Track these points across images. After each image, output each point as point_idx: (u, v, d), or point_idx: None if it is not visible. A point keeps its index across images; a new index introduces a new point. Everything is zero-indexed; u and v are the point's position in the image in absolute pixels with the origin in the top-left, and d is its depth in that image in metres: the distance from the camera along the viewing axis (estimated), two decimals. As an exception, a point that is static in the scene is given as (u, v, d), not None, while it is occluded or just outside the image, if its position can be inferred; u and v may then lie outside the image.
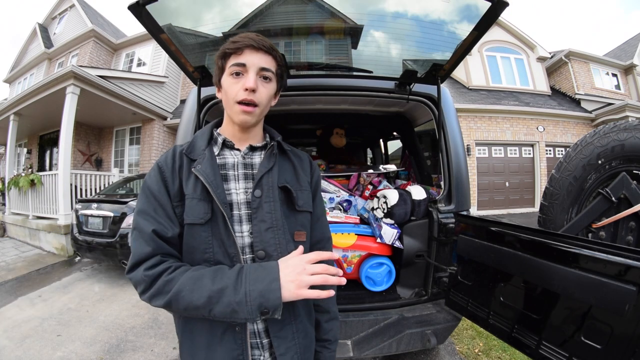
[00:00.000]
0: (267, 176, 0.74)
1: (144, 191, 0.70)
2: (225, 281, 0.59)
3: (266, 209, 0.70)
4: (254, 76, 0.69)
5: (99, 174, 6.29)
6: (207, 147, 0.75)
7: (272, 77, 0.73)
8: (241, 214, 0.71)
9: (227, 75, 0.71)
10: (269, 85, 0.73)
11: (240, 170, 0.75)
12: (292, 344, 0.70)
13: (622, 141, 1.38)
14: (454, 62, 1.46)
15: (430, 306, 1.64)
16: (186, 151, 0.74)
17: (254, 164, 0.77)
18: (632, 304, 0.76)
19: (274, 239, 0.70)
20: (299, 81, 1.69)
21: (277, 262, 0.63)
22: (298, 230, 0.76)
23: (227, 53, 0.70)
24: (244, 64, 0.69)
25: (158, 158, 0.75)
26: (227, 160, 0.75)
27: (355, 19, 1.37)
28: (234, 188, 0.73)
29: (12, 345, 2.30)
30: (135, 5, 1.03)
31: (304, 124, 3.00)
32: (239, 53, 0.69)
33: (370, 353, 1.42)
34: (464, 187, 1.66)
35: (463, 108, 8.21)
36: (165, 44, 1.24)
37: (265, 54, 0.71)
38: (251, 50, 0.69)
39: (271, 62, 0.73)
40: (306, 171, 0.83)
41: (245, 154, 0.77)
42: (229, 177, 0.74)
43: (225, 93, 0.73)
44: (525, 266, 1.06)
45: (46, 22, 11.29)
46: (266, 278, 0.59)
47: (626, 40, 12.50)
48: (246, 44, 0.69)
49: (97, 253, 3.85)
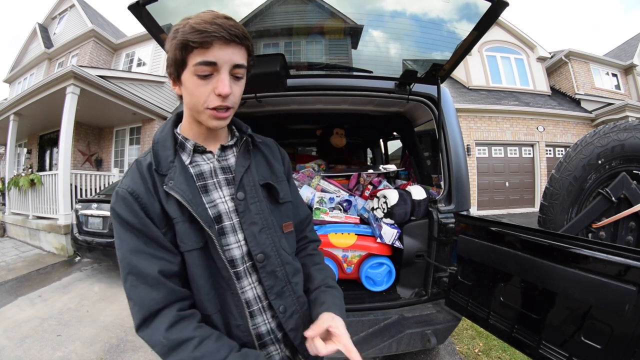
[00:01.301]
0: (247, 176, 0.68)
1: (123, 226, 0.58)
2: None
3: (254, 211, 0.67)
4: (228, 78, 0.58)
5: (99, 174, 6.29)
6: (175, 157, 0.64)
7: (244, 73, 0.62)
8: (234, 222, 0.66)
9: (192, 74, 0.58)
10: (241, 82, 0.62)
11: (220, 176, 0.68)
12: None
13: (622, 141, 1.38)
14: (454, 62, 1.46)
15: (430, 306, 1.64)
16: (154, 166, 0.62)
17: (230, 165, 0.70)
18: (632, 304, 0.76)
19: (268, 238, 0.68)
20: (299, 81, 1.69)
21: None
22: (285, 222, 0.74)
23: (190, 46, 0.55)
24: (215, 63, 0.56)
25: (121, 181, 0.63)
26: (203, 168, 0.67)
27: (355, 19, 1.37)
28: (218, 197, 0.66)
29: (12, 345, 2.30)
30: (135, 5, 1.03)
31: (304, 124, 2.99)
32: (207, 47, 0.55)
33: (370, 353, 1.42)
34: (464, 187, 1.66)
35: (463, 108, 8.21)
36: (165, 44, 1.24)
37: (237, 47, 0.58)
38: (221, 44, 0.55)
39: (244, 55, 0.60)
40: (278, 160, 0.79)
41: (219, 156, 0.69)
42: (209, 187, 0.66)
43: (189, 94, 0.60)
44: (525, 266, 1.06)
45: (46, 22, 11.29)
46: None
47: (626, 40, 12.50)
48: (215, 36, 0.54)
49: (97, 253, 3.85)
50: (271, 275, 0.68)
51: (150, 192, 0.60)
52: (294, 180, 0.89)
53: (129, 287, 0.56)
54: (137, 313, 0.56)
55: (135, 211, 0.58)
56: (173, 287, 0.57)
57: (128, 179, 0.62)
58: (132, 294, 0.56)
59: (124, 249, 0.58)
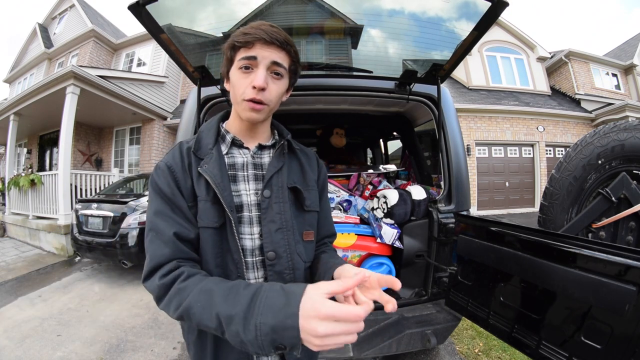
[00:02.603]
0: (277, 176, 0.72)
1: (157, 193, 0.66)
2: (236, 307, 0.51)
3: (276, 210, 0.69)
4: (264, 73, 0.64)
5: (99, 174, 6.29)
6: (214, 145, 0.71)
7: (284, 73, 0.67)
8: (252, 215, 0.69)
9: (236, 69, 0.66)
10: (280, 82, 0.68)
11: (250, 170, 0.72)
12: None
13: (622, 141, 1.38)
14: (454, 62, 1.46)
15: (430, 306, 1.64)
16: (194, 149, 0.70)
17: (263, 163, 0.74)
18: (632, 304, 0.76)
19: (284, 239, 0.69)
20: (299, 81, 1.66)
21: (303, 289, 0.49)
22: (307, 230, 0.75)
23: (236, 45, 0.64)
24: (255, 57, 0.63)
25: (164, 157, 0.71)
26: (237, 160, 0.72)
27: (355, 19, 1.37)
28: (243, 189, 0.70)
29: (12, 345, 2.30)
30: (135, 5, 1.03)
31: (304, 124, 2.99)
32: (249, 47, 0.63)
33: (370, 353, 1.42)
34: (464, 187, 1.66)
35: (463, 108, 8.21)
36: (165, 44, 1.24)
37: (277, 49, 0.64)
38: (262, 44, 0.63)
39: (284, 58, 0.66)
40: (314, 170, 0.82)
41: (254, 153, 0.74)
42: (238, 177, 0.71)
43: (232, 87, 0.68)
44: (525, 266, 1.06)
45: (46, 22, 11.29)
46: (282, 310, 0.47)
47: (626, 40, 12.50)
48: (257, 37, 0.62)
49: (97, 253, 3.85)
50: (278, 275, 0.68)
51: (185, 170, 0.68)
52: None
53: (148, 242, 0.64)
54: (147, 264, 0.62)
55: (169, 182, 0.66)
56: (182, 247, 0.63)
57: (169, 156, 0.70)
58: (149, 247, 0.63)
59: (151, 211, 0.66)
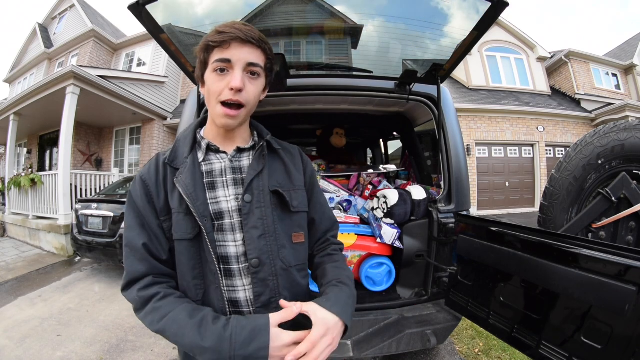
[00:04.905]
0: (257, 180, 0.69)
1: (131, 205, 0.68)
2: (208, 340, 0.55)
3: (257, 215, 0.67)
4: (241, 74, 0.63)
5: (99, 174, 6.29)
6: (190, 154, 0.70)
7: (261, 72, 0.67)
8: (234, 222, 0.68)
9: (211, 71, 0.65)
10: (257, 82, 0.67)
11: (228, 175, 0.70)
12: None
13: (622, 141, 1.38)
14: (454, 62, 1.46)
15: (430, 306, 1.64)
16: (169, 160, 0.69)
17: (243, 167, 0.72)
18: (632, 304, 0.76)
19: (267, 246, 0.67)
20: (299, 81, 1.68)
21: (269, 323, 0.57)
22: (296, 232, 0.73)
23: (210, 46, 0.63)
24: (229, 60, 0.62)
25: (142, 168, 0.72)
26: (214, 167, 0.70)
27: (355, 19, 1.37)
28: (223, 196, 0.68)
29: (12, 345, 2.30)
30: (135, 5, 1.03)
31: (304, 124, 2.99)
32: (225, 47, 0.62)
33: (370, 353, 1.42)
34: (464, 187, 1.66)
35: (463, 108, 8.21)
36: (165, 44, 1.24)
37: (253, 47, 0.64)
38: (238, 44, 0.62)
39: (260, 56, 0.65)
40: (299, 168, 0.79)
41: (232, 157, 0.72)
42: (217, 184, 0.69)
43: (208, 90, 0.66)
44: (525, 266, 1.06)
45: (46, 22, 11.28)
46: (253, 344, 0.54)
47: (626, 40, 12.50)
48: (233, 37, 0.61)
49: (97, 253, 3.85)
50: (262, 283, 0.67)
51: (159, 184, 0.68)
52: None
53: (124, 257, 0.66)
54: (125, 277, 0.65)
55: (142, 196, 0.67)
56: (155, 263, 0.65)
57: (146, 168, 0.71)
58: (125, 262, 0.66)
59: (126, 224, 0.68)
